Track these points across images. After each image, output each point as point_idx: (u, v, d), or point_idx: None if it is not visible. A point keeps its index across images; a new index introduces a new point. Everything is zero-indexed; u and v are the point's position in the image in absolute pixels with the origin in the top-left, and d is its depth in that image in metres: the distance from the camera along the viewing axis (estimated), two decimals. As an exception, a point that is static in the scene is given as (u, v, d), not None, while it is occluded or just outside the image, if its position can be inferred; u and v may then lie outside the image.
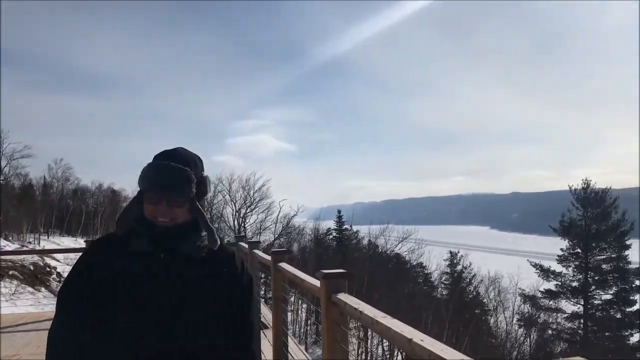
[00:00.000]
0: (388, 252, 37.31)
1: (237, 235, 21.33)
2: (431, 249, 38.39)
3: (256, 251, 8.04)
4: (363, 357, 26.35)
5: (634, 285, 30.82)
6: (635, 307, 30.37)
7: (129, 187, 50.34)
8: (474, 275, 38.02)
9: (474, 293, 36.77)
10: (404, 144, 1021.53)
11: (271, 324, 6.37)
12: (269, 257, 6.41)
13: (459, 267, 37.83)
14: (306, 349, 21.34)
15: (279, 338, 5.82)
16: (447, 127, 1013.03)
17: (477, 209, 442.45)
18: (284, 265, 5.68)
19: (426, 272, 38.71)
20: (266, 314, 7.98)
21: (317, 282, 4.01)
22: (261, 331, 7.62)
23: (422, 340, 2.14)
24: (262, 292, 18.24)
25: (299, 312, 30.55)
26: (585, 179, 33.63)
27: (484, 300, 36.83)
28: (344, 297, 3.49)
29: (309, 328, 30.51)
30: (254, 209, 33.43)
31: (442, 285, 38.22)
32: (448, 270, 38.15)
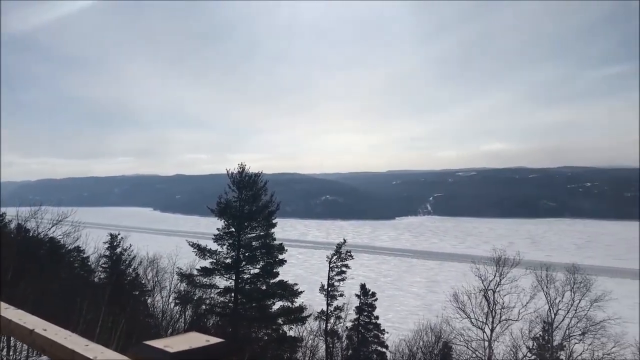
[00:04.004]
0: (40, 236, 34.14)
1: None
2: (90, 231, 36.62)
3: None
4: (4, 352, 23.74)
5: (277, 259, 34.04)
6: (277, 279, 33.76)
7: None
8: (133, 257, 37.79)
9: (133, 275, 36.60)
10: (65, 119, 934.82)
11: None
12: None
13: (118, 250, 37.09)
14: None
15: None
16: (112, 107, 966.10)
17: (141, 191, 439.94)
18: None
19: (83, 256, 36.88)
20: None
21: None
22: None
23: (45, 330, 2.10)
24: None
25: None
26: (241, 164, 34.69)
27: (143, 282, 37.07)
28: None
29: None
30: None
31: (101, 269, 36.91)
32: (107, 253, 37.06)
